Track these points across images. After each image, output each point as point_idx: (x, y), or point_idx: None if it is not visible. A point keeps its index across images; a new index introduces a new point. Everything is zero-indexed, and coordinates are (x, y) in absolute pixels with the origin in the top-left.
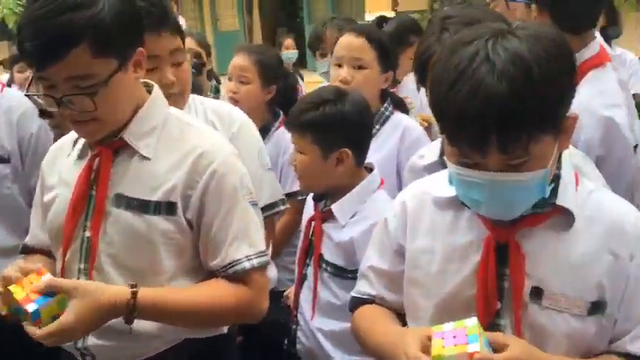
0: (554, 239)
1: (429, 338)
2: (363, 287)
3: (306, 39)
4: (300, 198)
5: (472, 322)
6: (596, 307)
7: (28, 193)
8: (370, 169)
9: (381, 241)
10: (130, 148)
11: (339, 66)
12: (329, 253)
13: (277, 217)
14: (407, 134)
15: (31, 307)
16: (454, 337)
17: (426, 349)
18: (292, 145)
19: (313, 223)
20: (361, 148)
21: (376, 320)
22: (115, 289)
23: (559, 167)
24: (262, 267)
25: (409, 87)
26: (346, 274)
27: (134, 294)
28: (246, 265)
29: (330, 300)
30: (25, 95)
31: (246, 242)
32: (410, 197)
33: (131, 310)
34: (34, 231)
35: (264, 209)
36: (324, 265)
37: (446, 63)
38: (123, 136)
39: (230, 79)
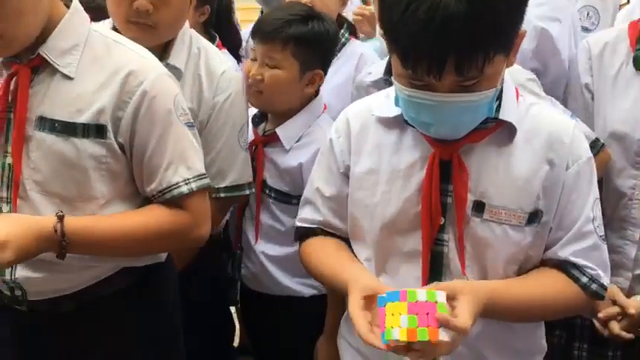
0: (495, 154)
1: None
2: (308, 214)
3: None
4: None
5: (442, 298)
6: (533, 217)
7: None
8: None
9: (327, 165)
10: (50, 66)
11: None
12: (272, 178)
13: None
14: (362, 62)
15: None
16: (427, 313)
17: (368, 307)
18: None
19: (254, 148)
20: (326, 72)
21: (329, 253)
22: (40, 217)
23: (501, 82)
24: (202, 190)
25: None
26: (291, 199)
27: (60, 218)
28: (184, 189)
29: (274, 225)
30: None
31: (183, 165)
32: (353, 117)
33: (60, 236)
34: None
35: (228, 189)
36: (267, 191)
37: None
38: (40, 53)
39: None
